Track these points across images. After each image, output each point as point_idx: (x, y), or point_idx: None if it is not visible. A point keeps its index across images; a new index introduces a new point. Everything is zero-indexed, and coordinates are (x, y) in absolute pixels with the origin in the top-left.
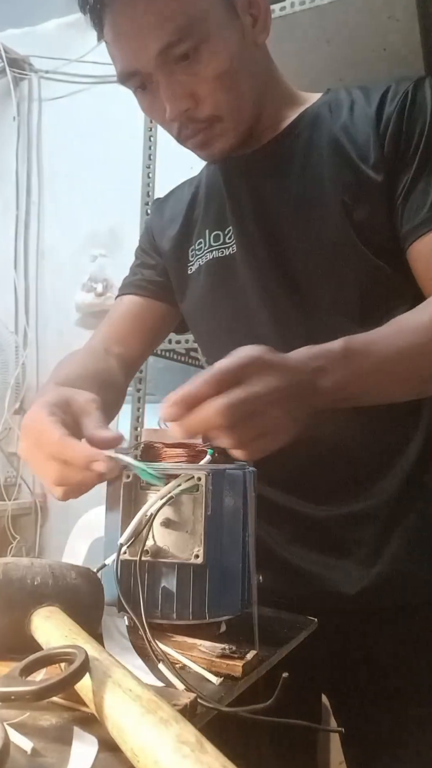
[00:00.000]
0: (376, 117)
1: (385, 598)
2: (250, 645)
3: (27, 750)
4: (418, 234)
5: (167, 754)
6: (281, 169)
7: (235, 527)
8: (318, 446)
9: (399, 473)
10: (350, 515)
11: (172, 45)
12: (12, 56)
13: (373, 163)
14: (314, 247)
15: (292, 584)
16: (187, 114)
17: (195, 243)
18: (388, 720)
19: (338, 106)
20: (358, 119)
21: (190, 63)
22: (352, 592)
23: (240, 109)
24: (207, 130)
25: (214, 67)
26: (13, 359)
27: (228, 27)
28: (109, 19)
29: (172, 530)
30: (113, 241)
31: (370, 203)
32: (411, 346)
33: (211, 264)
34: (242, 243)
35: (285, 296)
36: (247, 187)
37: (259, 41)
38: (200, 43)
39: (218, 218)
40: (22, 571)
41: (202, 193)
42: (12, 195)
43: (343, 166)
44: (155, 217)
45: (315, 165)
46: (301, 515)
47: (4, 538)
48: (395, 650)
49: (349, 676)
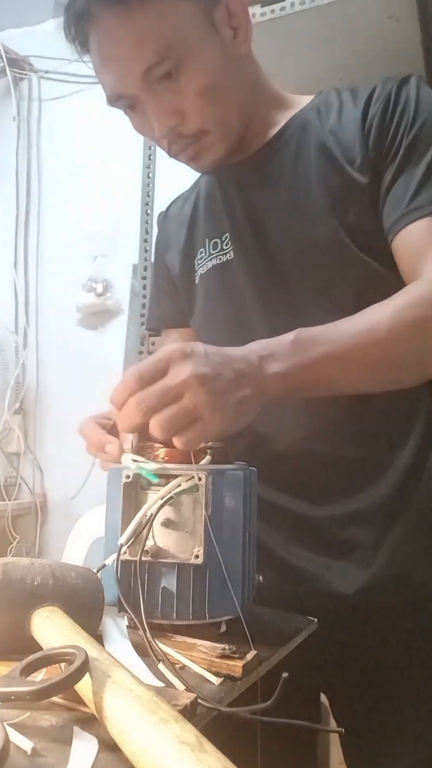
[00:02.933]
0: (362, 118)
1: (382, 598)
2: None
3: (27, 750)
4: (399, 227)
5: (167, 754)
6: (271, 176)
7: (235, 527)
8: (314, 446)
9: (395, 474)
10: (346, 515)
11: (154, 67)
12: (12, 56)
13: (359, 165)
14: (306, 251)
15: (289, 584)
16: (175, 130)
17: (198, 253)
18: (387, 719)
19: (328, 109)
20: (345, 122)
21: (174, 81)
22: (349, 592)
23: (226, 122)
24: (196, 144)
25: (197, 84)
26: (13, 359)
27: (208, 42)
28: (93, 46)
29: (172, 530)
30: (113, 242)
31: (358, 205)
32: (366, 334)
33: (212, 271)
34: (238, 248)
35: (278, 300)
36: (240, 196)
37: (241, 52)
38: (181, 62)
39: (216, 226)
40: (22, 571)
41: (201, 204)
42: (12, 195)
43: (330, 170)
44: (160, 234)
45: (304, 170)
46: (298, 515)
47: (4, 538)
48: (392, 650)
49: (347, 675)
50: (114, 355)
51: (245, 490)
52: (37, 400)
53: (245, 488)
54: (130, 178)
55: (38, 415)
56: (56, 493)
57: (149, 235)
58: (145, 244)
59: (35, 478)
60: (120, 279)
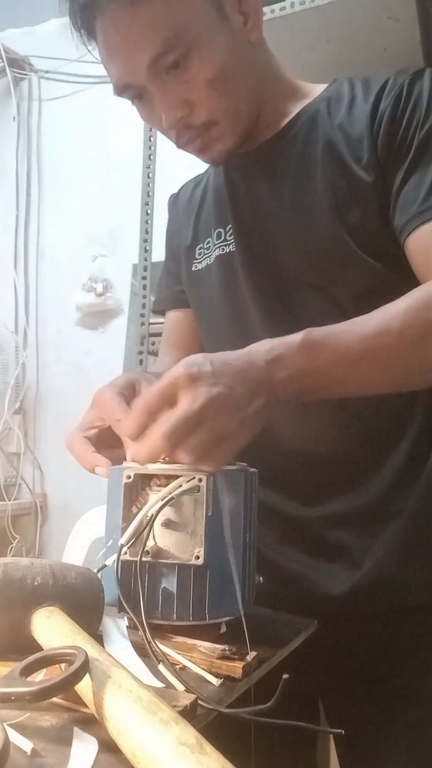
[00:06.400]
0: (371, 113)
1: (371, 601)
2: (250, 646)
3: (27, 750)
4: (412, 227)
5: (167, 755)
6: (277, 171)
7: (236, 528)
8: (304, 445)
9: (386, 476)
10: (335, 516)
11: (161, 56)
12: (12, 56)
13: (365, 162)
14: (306, 249)
15: (277, 584)
16: (182, 121)
17: (204, 241)
18: (378, 724)
19: (338, 101)
20: (355, 116)
21: (181, 71)
22: (337, 594)
23: (236, 112)
24: (204, 135)
25: (206, 73)
26: (13, 359)
27: (217, 30)
28: (99, 35)
29: (173, 531)
30: (113, 242)
31: (362, 205)
32: (377, 336)
33: (216, 262)
34: (239, 241)
35: (275, 298)
36: (245, 188)
37: (252, 39)
38: (189, 51)
39: (221, 215)
40: (22, 571)
41: (210, 191)
42: (12, 195)
43: (335, 169)
44: (170, 217)
45: (309, 168)
46: (287, 515)
47: (4, 538)
48: (383, 655)
49: (339, 679)
50: (114, 355)
51: (246, 491)
52: (37, 400)
53: (246, 489)
54: (130, 177)
55: (38, 415)
56: (56, 493)
57: (149, 235)
58: (145, 244)
59: (35, 478)
60: (120, 279)
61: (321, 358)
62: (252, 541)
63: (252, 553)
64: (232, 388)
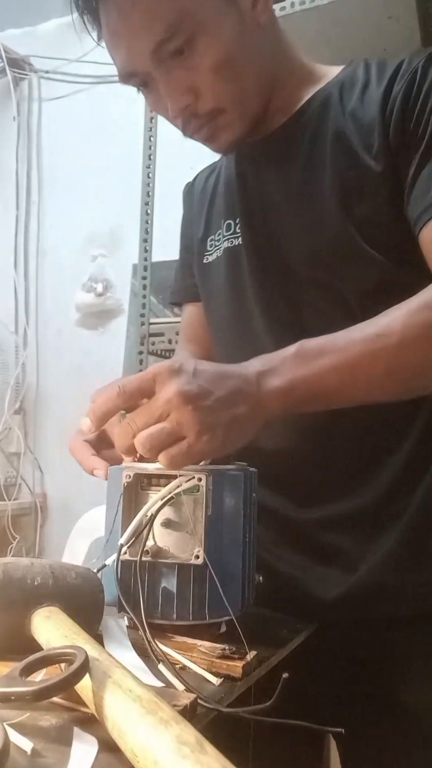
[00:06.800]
0: (384, 98)
1: (363, 608)
2: (250, 646)
3: (27, 750)
4: (426, 219)
5: (167, 754)
6: (286, 160)
7: (236, 528)
8: (302, 447)
9: (385, 481)
10: (331, 519)
11: (165, 42)
12: (12, 56)
13: (376, 150)
14: (312, 245)
15: (273, 587)
16: (189, 109)
17: (215, 233)
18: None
19: (352, 85)
20: (367, 102)
21: (186, 57)
22: (328, 599)
23: (244, 99)
24: (211, 123)
25: (212, 59)
26: (13, 359)
27: (224, 13)
28: (103, 20)
29: (173, 531)
30: (113, 242)
31: (371, 197)
32: (376, 340)
33: (224, 254)
34: (245, 233)
35: (278, 293)
36: (254, 177)
37: (261, 21)
38: (194, 36)
39: (230, 207)
40: (22, 571)
41: (221, 181)
42: (12, 195)
43: (344, 159)
44: (185, 206)
45: (318, 158)
46: (284, 517)
47: (4, 538)
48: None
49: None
50: (114, 355)
51: (245, 491)
52: (37, 400)
53: (245, 489)
54: (130, 177)
55: (38, 415)
56: (56, 493)
57: (149, 235)
58: (145, 244)
59: (35, 478)
60: (120, 279)
61: (315, 364)
62: (252, 540)
63: (252, 553)
64: (208, 390)
